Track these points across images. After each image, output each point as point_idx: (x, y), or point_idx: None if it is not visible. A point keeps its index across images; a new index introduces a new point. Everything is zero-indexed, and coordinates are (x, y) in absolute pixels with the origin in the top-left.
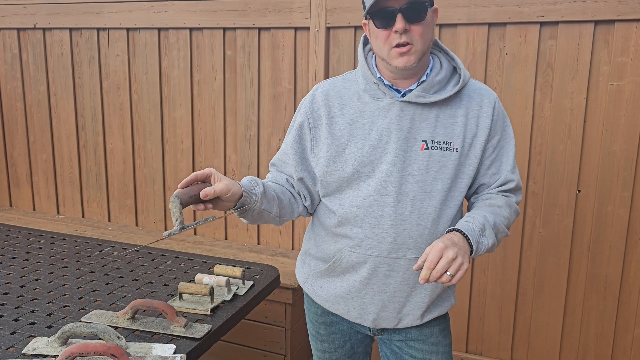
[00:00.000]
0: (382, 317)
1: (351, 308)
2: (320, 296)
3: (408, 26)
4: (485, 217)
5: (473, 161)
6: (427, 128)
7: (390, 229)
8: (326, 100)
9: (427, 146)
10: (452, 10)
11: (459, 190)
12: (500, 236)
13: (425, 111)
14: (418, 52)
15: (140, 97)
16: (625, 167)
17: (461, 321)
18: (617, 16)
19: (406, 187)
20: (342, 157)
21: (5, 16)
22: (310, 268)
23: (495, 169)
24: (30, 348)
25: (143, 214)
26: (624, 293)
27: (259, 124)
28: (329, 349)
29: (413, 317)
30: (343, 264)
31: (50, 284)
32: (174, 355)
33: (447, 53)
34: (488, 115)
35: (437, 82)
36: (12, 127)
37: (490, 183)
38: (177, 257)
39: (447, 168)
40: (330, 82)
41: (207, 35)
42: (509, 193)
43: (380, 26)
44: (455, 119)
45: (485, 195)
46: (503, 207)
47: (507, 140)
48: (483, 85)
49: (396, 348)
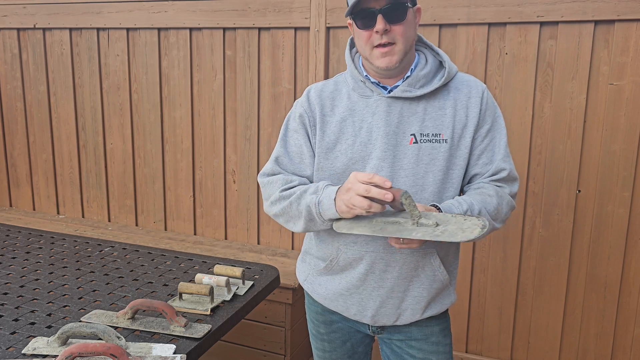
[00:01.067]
0: (381, 313)
1: (350, 305)
2: (320, 294)
3: (389, 26)
4: (472, 204)
5: (463, 152)
6: (415, 122)
7: None
8: (319, 99)
9: (415, 140)
10: (452, 10)
11: (451, 182)
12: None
13: (413, 105)
14: (400, 52)
15: (140, 97)
16: (625, 167)
17: (461, 321)
18: (617, 16)
19: (398, 182)
20: (332, 154)
21: (5, 16)
22: (310, 266)
23: (486, 158)
24: (30, 348)
25: (143, 214)
26: (624, 293)
27: (259, 124)
28: (329, 348)
29: (412, 312)
30: (340, 261)
31: (50, 284)
32: (174, 355)
33: (432, 48)
34: (476, 105)
35: (423, 77)
36: (12, 127)
37: (483, 173)
38: (177, 257)
39: (437, 160)
40: (322, 84)
41: (207, 35)
42: (502, 183)
43: (361, 27)
44: (444, 110)
45: (476, 184)
46: (493, 196)
47: (498, 130)
48: (471, 77)
49: (396, 348)
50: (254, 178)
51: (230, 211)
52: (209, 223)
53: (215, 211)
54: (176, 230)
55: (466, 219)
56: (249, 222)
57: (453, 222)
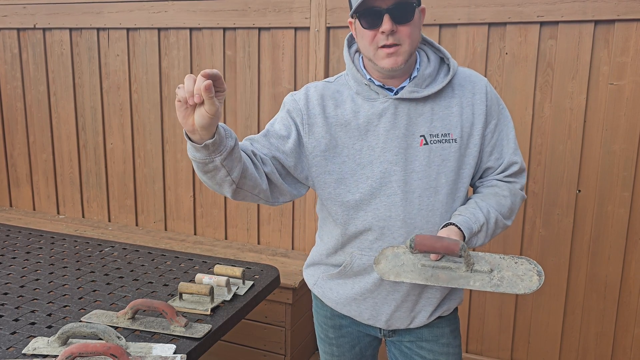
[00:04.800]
0: (395, 317)
1: (364, 309)
2: (331, 298)
3: (395, 27)
4: (489, 213)
5: (473, 150)
6: (423, 123)
7: (401, 228)
8: (321, 100)
9: (425, 141)
10: (452, 10)
11: (462, 181)
12: (498, 231)
13: (419, 106)
14: (405, 53)
15: (140, 97)
16: (625, 167)
17: (461, 321)
18: (617, 16)
19: (411, 185)
20: (339, 157)
21: (5, 16)
22: (321, 271)
23: (498, 153)
24: (31, 348)
25: (143, 214)
26: (624, 293)
27: (259, 124)
28: (337, 353)
29: (425, 314)
30: (354, 267)
31: (51, 284)
32: (174, 355)
33: (433, 45)
34: (482, 102)
35: (428, 75)
36: (12, 127)
37: (496, 167)
38: (177, 257)
39: (449, 161)
40: (323, 83)
41: (207, 35)
42: (514, 178)
43: (366, 26)
44: (450, 109)
45: (490, 182)
46: (507, 197)
47: (505, 123)
48: (472, 72)
49: (406, 349)
50: None
51: (231, 211)
52: (209, 223)
53: (216, 211)
54: (176, 230)
55: (517, 261)
56: (249, 222)
57: (505, 266)
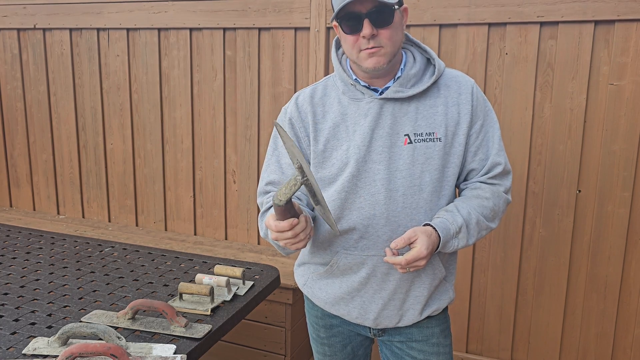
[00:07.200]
0: (383, 315)
1: (352, 308)
2: (320, 298)
3: (376, 31)
4: (469, 215)
5: (458, 149)
6: (408, 122)
7: (385, 227)
8: (311, 106)
9: (410, 140)
10: (452, 10)
11: (447, 180)
12: (483, 232)
13: (404, 106)
14: (388, 54)
15: (140, 97)
16: (625, 167)
17: (461, 321)
18: (617, 16)
19: (395, 183)
20: (329, 161)
21: (5, 16)
22: (310, 271)
23: (482, 154)
24: (31, 348)
25: (143, 214)
26: (624, 293)
27: (259, 124)
28: (330, 352)
29: (414, 313)
30: (340, 266)
31: (51, 284)
32: (174, 355)
33: (419, 46)
34: (468, 102)
35: (413, 75)
36: (12, 127)
37: (480, 168)
38: (177, 257)
39: (433, 159)
40: (310, 89)
41: (207, 35)
42: (497, 179)
43: (348, 31)
44: (436, 109)
45: (473, 185)
46: (489, 199)
47: (491, 124)
48: (459, 73)
49: (397, 349)
50: (254, 178)
51: (231, 211)
52: (209, 223)
53: (216, 211)
54: (176, 230)
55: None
56: (249, 222)
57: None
